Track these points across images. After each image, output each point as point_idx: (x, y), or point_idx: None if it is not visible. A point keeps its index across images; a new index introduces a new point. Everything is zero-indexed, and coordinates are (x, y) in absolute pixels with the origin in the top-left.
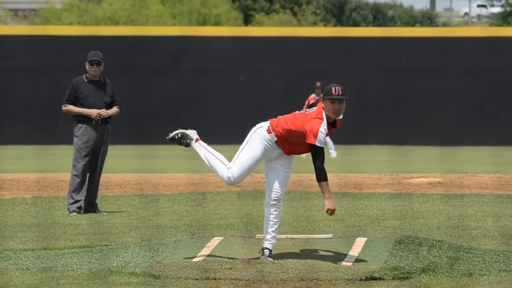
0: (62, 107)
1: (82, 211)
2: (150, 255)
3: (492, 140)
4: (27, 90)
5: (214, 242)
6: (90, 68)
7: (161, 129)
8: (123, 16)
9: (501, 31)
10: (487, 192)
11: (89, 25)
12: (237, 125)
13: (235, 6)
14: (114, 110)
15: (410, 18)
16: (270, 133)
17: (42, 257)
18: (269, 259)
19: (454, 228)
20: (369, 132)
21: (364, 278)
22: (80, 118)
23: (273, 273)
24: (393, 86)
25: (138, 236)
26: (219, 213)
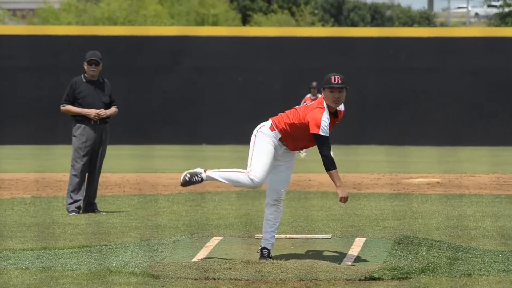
0: (61, 107)
1: (81, 211)
2: (149, 255)
3: (491, 140)
4: (26, 90)
5: (213, 242)
6: (88, 68)
7: (160, 129)
8: (121, 16)
9: (499, 31)
10: (486, 192)
11: (87, 25)
12: (236, 125)
13: (233, 6)
14: (113, 110)
15: (408, 18)
16: (273, 130)
17: (41, 257)
18: (268, 259)
19: (453, 228)
20: (367, 132)
21: (363, 278)
22: (78, 118)
23: (272, 273)
24: (391, 86)
25: (137, 236)
26: (218, 213)
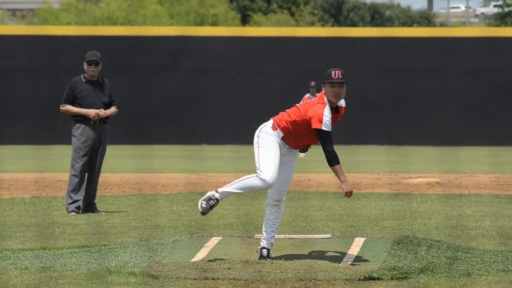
0: (60, 107)
1: (80, 211)
2: (149, 255)
3: (491, 140)
4: (26, 90)
5: (213, 242)
6: (88, 68)
7: (160, 129)
8: (121, 16)
9: (499, 31)
10: (486, 192)
11: (87, 25)
12: (236, 125)
13: (233, 6)
14: (112, 110)
15: (408, 18)
16: (275, 129)
17: (40, 257)
18: (267, 259)
19: (452, 228)
20: (367, 132)
21: (362, 278)
22: (78, 118)
23: (271, 273)
24: (391, 86)
25: (137, 236)
26: (218, 213)
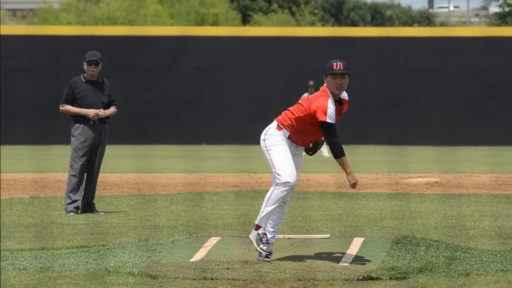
0: (60, 107)
1: (79, 211)
2: (148, 255)
3: (491, 140)
4: (26, 90)
5: (212, 242)
6: (88, 68)
7: (160, 129)
8: (121, 16)
9: (499, 31)
10: (485, 192)
11: (87, 25)
12: (236, 124)
13: (233, 6)
14: (112, 110)
15: (408, 18)
16: (280, 130)
17: (39, 257)
18: (266, 259)
19: (451, 228)
20: (367, 132)
21: (361, 278)
22: (77, 118)
23: (270, 273)
24: (391, 86)
25: (136, 236)
26: (217, 213)
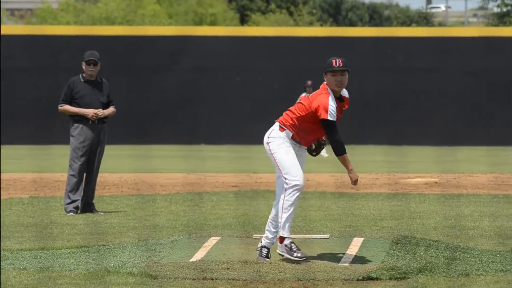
0: (59, 107)
1: (79, 211)
2: (147, 255)
3: (491, 140)
4: (25, 90)
5: (211, 242)
6: (86, 68)
7: (159, 128)
8: (119, 16)
9: (497, 31)
10: (484, 192)
11: (85, 25)
12: (235, 124)
13: (232, 6)
14: (111, 110)
15: (406, 18)
16: (283, 131)
17: (39, 257)
18: (266, 259)
19: (451, 228)
20: (366, 132)
21: (361, 278)
22: (76, 118)
23: (270, 273)
24: (390, 86)
25: (135, 236)
26: (216, 213)
